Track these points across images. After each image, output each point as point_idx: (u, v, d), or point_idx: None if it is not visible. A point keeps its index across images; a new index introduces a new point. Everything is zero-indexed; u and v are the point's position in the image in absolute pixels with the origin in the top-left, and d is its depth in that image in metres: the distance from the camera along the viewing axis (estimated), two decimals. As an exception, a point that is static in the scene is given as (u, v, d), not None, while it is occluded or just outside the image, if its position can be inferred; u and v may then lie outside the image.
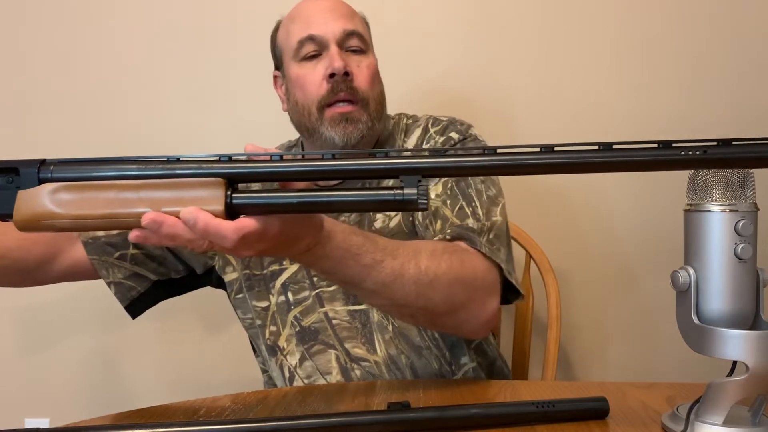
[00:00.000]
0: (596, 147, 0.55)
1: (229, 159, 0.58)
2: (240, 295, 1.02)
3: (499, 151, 0.55)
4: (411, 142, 1.02)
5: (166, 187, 0.57)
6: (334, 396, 0.79)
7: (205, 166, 0.57)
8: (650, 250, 1.39)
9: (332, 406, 0.75)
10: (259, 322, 1.01)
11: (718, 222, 0.60)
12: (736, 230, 0.59)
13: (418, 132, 1.02)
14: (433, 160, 0.56)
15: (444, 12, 1.40)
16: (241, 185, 0.59)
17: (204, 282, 1.08)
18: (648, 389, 0.78)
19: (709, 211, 0.60)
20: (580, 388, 0.80)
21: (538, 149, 0.55)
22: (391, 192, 0.55)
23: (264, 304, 1.00)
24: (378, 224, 0.97)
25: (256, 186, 0.70)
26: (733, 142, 0.54)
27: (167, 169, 0.58)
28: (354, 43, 0.96)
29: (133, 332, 1.44)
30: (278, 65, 1.04)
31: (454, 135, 0.99)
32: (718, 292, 0.60)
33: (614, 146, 0.55)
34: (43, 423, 1.42)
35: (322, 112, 0.94)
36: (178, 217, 0.57)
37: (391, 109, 1.06)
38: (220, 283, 1.06)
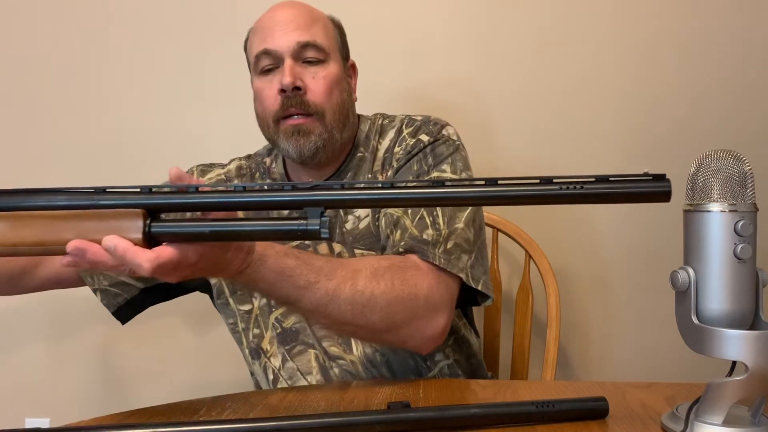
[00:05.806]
0: (483, 182, 0.58)
1: (150, 191, 0.61)
2: (221, 300, 1.03)
3: (395, 184, 0.59)
4: (385, 144, 1.01)
5: (91, 217, 0.61)
6: (334, 395, 0.79)
7: (128, 197, 0.61)
8: (650, 250, 1.39)
9: (332, 406, 0.75)
10: (242, 325, 1.01)
11: (717, 222, 0.60)
12: (735, 230, 0.59)
13: (391, 134, 1.02)
14: (334, 192, 0.59)
15: (436, 16, 1.40)
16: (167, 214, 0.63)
17: (192, 287, 1.08)
18: (648, 389, 0.79)
19: (709, 211, 0.60)
20: (580, 388, 0.80)
21: (429, 183, 0.59)
22: (296, 223, 0.58)
23: (247, 307, 1.01)
24: (349, 225, 0.98)
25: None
26: (610, 179, 0.57)
27: (93, 199, 0.61)
28: (311, 54, 0.95)
29: (134, 332, 1.44)
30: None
31: (424, 137, 0.98)
32: (717, 292, 0.61)
33: (498, 181, 0.58)
34: (43, 423, 1.42)
35: (278, 125, 0.95)
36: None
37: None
38: (206, 288, 1.06)
